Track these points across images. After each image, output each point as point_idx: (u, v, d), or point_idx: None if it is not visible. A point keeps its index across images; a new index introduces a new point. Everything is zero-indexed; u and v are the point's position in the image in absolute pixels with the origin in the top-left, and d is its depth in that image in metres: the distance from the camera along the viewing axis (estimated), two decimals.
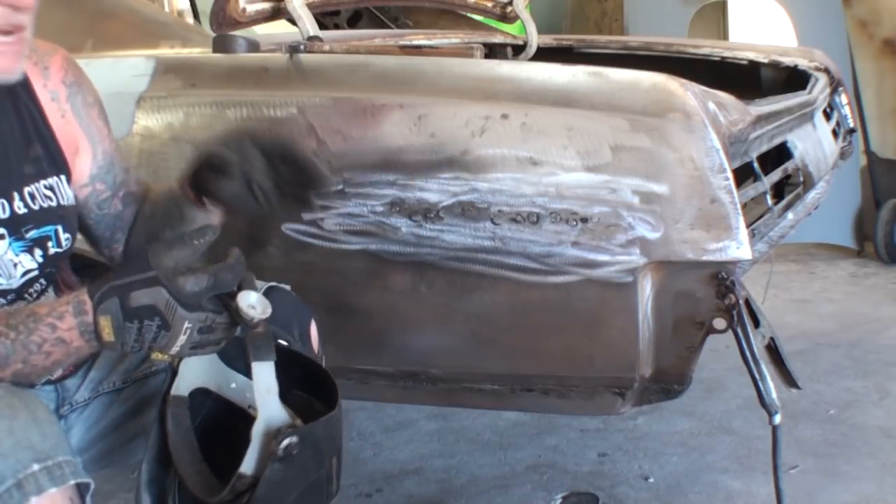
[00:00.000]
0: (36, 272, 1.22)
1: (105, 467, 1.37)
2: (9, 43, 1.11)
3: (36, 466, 0.96)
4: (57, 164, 1.26)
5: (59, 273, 1.30)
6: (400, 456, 2.41)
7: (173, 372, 1.16)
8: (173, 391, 1.14)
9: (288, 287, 1.35)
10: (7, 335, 1.02)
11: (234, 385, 1.16)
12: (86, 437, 1.33)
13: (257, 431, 1.04)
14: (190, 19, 3.90)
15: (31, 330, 1.03)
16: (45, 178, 1.23)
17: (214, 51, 1.83)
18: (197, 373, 1.15)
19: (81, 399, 1.33)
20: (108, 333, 1.01)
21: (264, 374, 1.05)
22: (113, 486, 2.22)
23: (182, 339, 1.02)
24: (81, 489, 1.00)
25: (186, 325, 1.01)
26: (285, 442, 1.01)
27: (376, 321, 1.64)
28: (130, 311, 1.00)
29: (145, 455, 1.15)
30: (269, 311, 1.03)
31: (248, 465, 1.03)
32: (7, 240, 1.18)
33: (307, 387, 1.13)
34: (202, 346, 1.05)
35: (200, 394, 1.16)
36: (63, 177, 1.27)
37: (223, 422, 1.15)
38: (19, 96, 1.22)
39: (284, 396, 1.07)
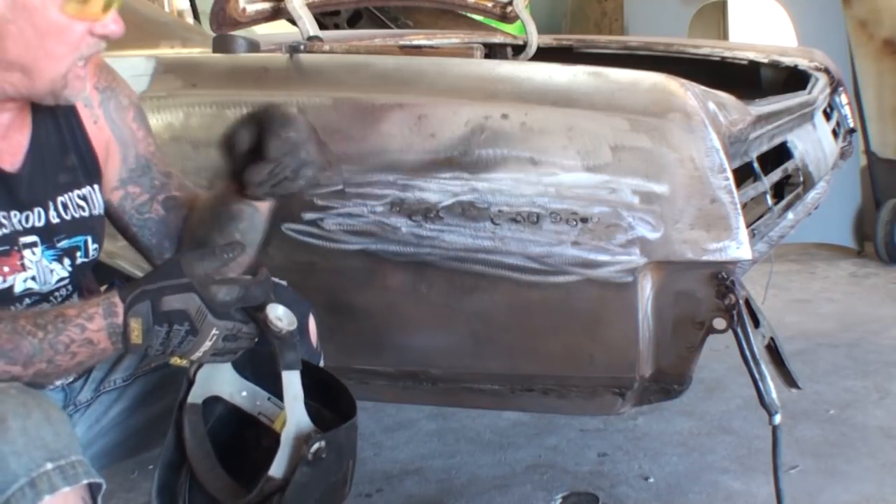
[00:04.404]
0: (67, 280, 1.23)
1: (105, 466, 1.37)
2: (85, 72, 1.15)
3: (49, 465, 0.97)
4: (91, 173, 1.26)
5: (84, 279, 1.31)
6: (400, 456, 2.41)
7: (189, 381, 1.18)
8: (190, 399, 1.16)
9: (284, 283, 1.35)
10: (35, 334, 1.03)
11: (244, 393, 1.19)
12: (87, 435, 1.33)
13: (287, 437, 1.08)
14: (190, 19, 3.90)
15: (59, 330, 1.04)
16: (79, 187, 1.24)
17: (214, 51, 1.83)
18: (211, 382, 1.17)
19: (84, 399, 1.34)
20: (136, 336, 1.03)
21: (293, 382, 1.09)
22: (113, 486, 2.20)
23: (207, 345, 1.05)
24: (93, 489, 1.01)
25: (214, 331, 1.04)
26: (315, 446, 1.05)
27: (376, 321, 1.64)
28: (161, 314, 1.03)
29: (158, 461, 1.17)
30: (294, 323, 1.08)
31: (277, 469, 1.07)
32: (40, 247, 1.18)
33: (315, 396, 1.15)
34: (222, 353, 1.08)
35: (211, 401, 1.18)
36: (96, 185, 1.27)
37: (232, 428, 1.18)
38: (58, 105, 1.21)
39: None
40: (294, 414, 1.09)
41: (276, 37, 2.11)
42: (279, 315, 1.07)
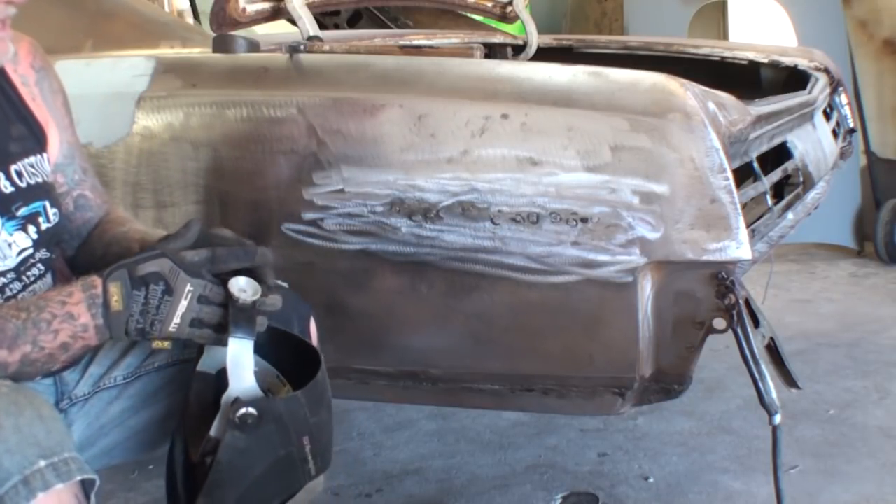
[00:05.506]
0: (31, 250, 1.23)
1: (106, 465, 1.37)
2: (3, 34, 1.17)
3: (42, 463, 0.97)
4: (40, 142, 1.28)
5: (56, 261, 1.31)
6: (400, 456, 2.41)
7: (200, 350, 1.21)
8: (199, 367, 1.20)
9: (286, 284, 1.35)
10: (18, 317, 1.06)
11: (255, 369, 1.20)
12: (86, 432, 1.33)
13: (223, 401, 1.11)
14: (190, 19, 3.91)
15: (41, 308, 1.07)
16: (29, 155, 1.25)
17: (214, 51, 1.83)
18: (224, 353, 1.19)
19: (81, 393, 1.34)
20: (116, 301, 1.07)
21: (240, 350, 1.12)
22: (113, 486, 2.22)
23: (183, 304, 1.08)
24: (86, 486, 1.01)
25: (188, 288, 1.08)
26: (241, 411, 1.08)
27: (376, 321, 1.64)
28: (137, 279, 1.08)
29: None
30: (259, 292, 1.12)
31: (214, 429, 1.11)
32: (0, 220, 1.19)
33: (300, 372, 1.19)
34: (200, 324, 1.10)
35: (225, 373, 1.20)
36: (45, 154, 1.29)
37: None
38: None
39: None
40: (234, 381, 1.12)
41: (276, 37, 2.11)
42: (242, 286, 1.11)
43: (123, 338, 1.11)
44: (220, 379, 1.18)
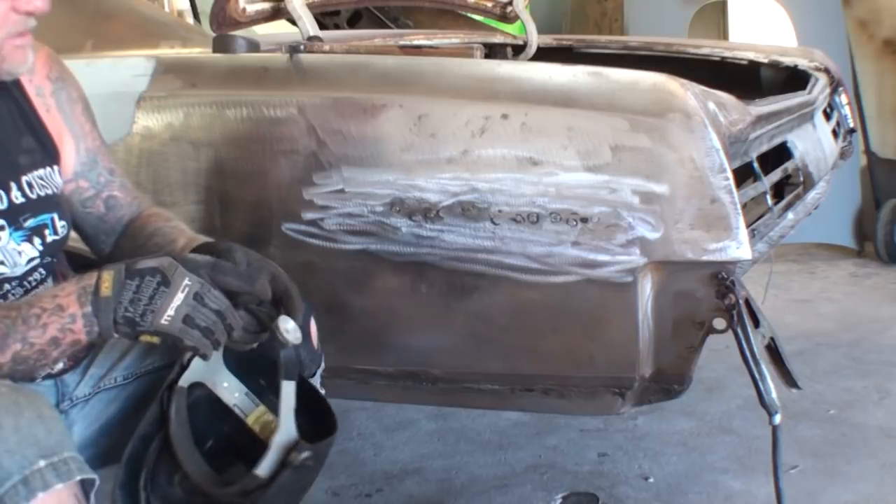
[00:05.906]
0: (38, 260, 1.25)
1: (106, 465, 1.37)
2: (23, 41, 1.17)
3: (42, 462, 0.97)
4: (50, 154, 1.29)
5: (58, 265, 1.32)
6: (400, 456, 2.41)
7: (182, 366, 1.20)
8: (181, 382, 1.20)
9: None
10: (8, 315, 1.06)
11: (226, 384, 1.22)
12: (87, 433, 1.33)
13: (277, 442, 1.14)
14: (190, 19, 3.90)
15: (31, 304, 1.07)
16: (39, 167, 1.26)
17: (214, 51, 1.83)
18: (201, 370, 1.21)
19: (82, 394, 1.34)
20: (106, 287, 1.06)
21: (290, 393, 1.16)
22: (112, 486, 2.22)
23: (179, 297, 1.06)
24: (86, 486, 1.02)
25: (186, 282, 1.07)
26: (304, 454, 1.12)
27: (376, 321, 1.64)
28: (134, 271, 1.07)
29: (136, 430, 1.20)
30: (300, 339, 1.15)
31: (263, 469, 1.12)
32: (7, 230, 1.20)
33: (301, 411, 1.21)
34: (192, 322, 1.07)
35: (194, 385, 1.22)
36: (56, 167, 1.29)
37: (204, 412, 1.21)
38: (10, 90, 1.24)
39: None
40: (286, 422, 1.15)
41: (277, 37, 2.11)
42: (289, 328, 1.13)
43: (111, 329, 1.07)
44: (190, 394, 1.20)
